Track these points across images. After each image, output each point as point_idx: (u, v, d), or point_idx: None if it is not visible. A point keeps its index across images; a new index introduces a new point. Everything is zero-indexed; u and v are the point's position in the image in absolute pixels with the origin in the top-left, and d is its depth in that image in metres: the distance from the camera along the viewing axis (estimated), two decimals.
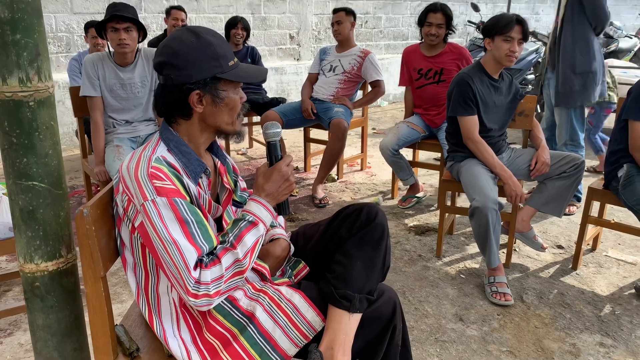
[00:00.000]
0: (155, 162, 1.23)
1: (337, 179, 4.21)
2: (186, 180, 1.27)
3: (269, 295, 1.33)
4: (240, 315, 1.30)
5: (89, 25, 4.10)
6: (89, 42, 4.12)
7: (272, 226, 1.60)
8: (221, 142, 1.57)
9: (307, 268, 1.54)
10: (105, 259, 1.25)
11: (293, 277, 1.51)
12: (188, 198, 1.25)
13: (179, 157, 1.29)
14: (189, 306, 1.31)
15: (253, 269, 1.43)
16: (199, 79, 1.25)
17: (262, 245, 1.54)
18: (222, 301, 1.32)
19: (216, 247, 1.25)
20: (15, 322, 2.23)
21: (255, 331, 1.28)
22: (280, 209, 1.41)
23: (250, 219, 1.29)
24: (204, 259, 1.21)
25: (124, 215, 1.27)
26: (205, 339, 1.29)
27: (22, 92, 1.18)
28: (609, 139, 2.63)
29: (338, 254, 1.43)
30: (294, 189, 1.38)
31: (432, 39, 3.37)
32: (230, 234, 1.26)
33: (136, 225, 1.23)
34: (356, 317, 1.34)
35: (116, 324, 1.39)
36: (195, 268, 1.18)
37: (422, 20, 3.40)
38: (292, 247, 1.57)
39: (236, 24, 4.38)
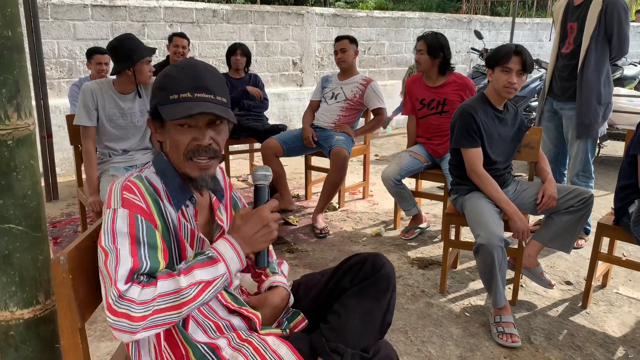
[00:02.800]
0: (134, 178, 1.22)
1: (339, 207, 4.13)
2: (165, 204, 1.23)
3: (254, 345, 1.24)
4: None
5: (91, 52, 4.09)
6: (92, 68, 4.11)
7: (273, 272, 1.50)
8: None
9: (306, 321, 1.43)
10: (84, 308, 1.17)
11: (287, 331, 1.40)
12: (159, 222, 1.19)
13: (164, 181, 1.26)
14: (163, 348, 1.22)
15: (242, 316, 1.33)
16: (150, 105, 1.26)
17: (260, 293, 1.45)
18: (203, 348, 1.22)
19: (161, 270, 1.15)
20: None
21: None
22: (259, 260, 1.27)
23: (211, 255, 1.17)
24: (142, 278, 1.11)
25: None
26: None
27: (0, 131, 1.11)
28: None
29: (337, 304, 1.34)
30: (273, 237, 1.23)
31: (417, 65, 3.37)
32: (183, 264, 1.16)
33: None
34: None
35: None
36: (127, 281, 1.08)
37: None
38: (292, 298, 1.48)
39: (235, 51, 4.38)
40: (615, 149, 6.29)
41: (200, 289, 1.12)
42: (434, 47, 3.29)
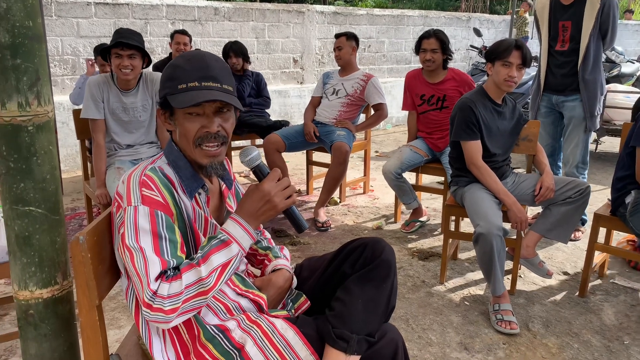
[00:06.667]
0: (149, 171, 1.25)
1: (340, 202, 4.19)
2: (180, 194, 1.27)
3: (262, 328, 1.29)
4: (230, 347, 1.26)
5: (98, 49, 4.14)
6: (98, 66, 4.15)
7: (277, 257, 1.56)
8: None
9: (308, 302, 1.49)
10: (101, 286, 1.22)
11: (293, 311, 1.46)
12: (175, 211, 1.24)
13: (176, 171, 1.30)
14: (180, 328, 1.28)
15: (250, 299, 1.39)
16: (160, 96, 1.30)
17: (265, 275, 1.51)
18: (213, 330, 1.28)
19: (182, 262, 1.21)
20: (10, 347, 2.19)
21: None
22: (295, 225, 1.32)
23: (222, 238, 1.22)
24: (168, 272, 1.18)
25: (119, 229, 1.24)
26: None
27: (21, 117, 1.16)
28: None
29: (340, 290, 1.37)
30: (278, 209, 1.25)
31: (429, 64, 3.38)
32: (200, 251, 1.22)
33: (121, 232, 1.21)
34: (353, 359, 1.29)
35: (111, 354, 1.36)
36: (156, 279, 1.15)
37: (417, 48, 3.44)
38: (295, 279, 1.53)
39: (228, 54, 4.31)
40: (613, 145, 6.34)
41: (219, 272, 1.19)
42: (446, 45, 3.36)
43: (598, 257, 2.79)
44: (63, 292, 1.30)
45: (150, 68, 4.48)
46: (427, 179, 4.56)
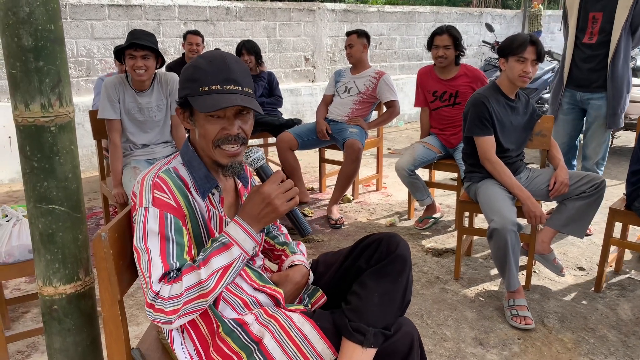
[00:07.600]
0: (163, 173, 1.27)
1: (353, 199, 4.20)
2: (194, 194, 1.29)
3: (280, 322, 1.31)
4: (248, 340, 1.28)
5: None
6: (117, 67, 4.20)
7: (293, 252, 1.58)
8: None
9: (325, 297, 1.51)
10: (122, 282, 1.25)
11: (310, 306, 1.48)
12: (188, 213, 1.27)
13: (190, 172, 1.32)
14: (198, 323, 1.31)
15: (268, 294, 1.41)
16: (179, 96, 1.31)
17: (282, 271, 1.53)
18: (231, 324, 1.30)
19: (185, 264, 1.22)
20: (33, 344, 2.24)
21: (261, 358, 1.26)
22: (298, 229, 1.32)
23: (223, 241, 1.22)
24: (171, 274, 1.20)
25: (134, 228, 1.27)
26: (212, 358, 1.28)
27: (44, 118, 1.20)
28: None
29: (355, 285, 1.39)
30: (279, 212, 1.24)
31: (441, 60, 3.38)
32: (201, 254, 1.23)
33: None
34: (370, 352, 1.30)
35: (132, 348, 1.39)
36: (159, 281, 1.18)
37: (430, 45, 3.43)
38: (312, 275, 1.55)
39: (241, 52, 4.36)
40: (629, 139, 6.27)
41: (220, 275, 1.20)
42: (459, 41, 3.36)
43: (614, 251, 2.77)
44: (85, 288, 1.34)
45: (163, 69, 4.53)
46: (440, 176, 4.55)
